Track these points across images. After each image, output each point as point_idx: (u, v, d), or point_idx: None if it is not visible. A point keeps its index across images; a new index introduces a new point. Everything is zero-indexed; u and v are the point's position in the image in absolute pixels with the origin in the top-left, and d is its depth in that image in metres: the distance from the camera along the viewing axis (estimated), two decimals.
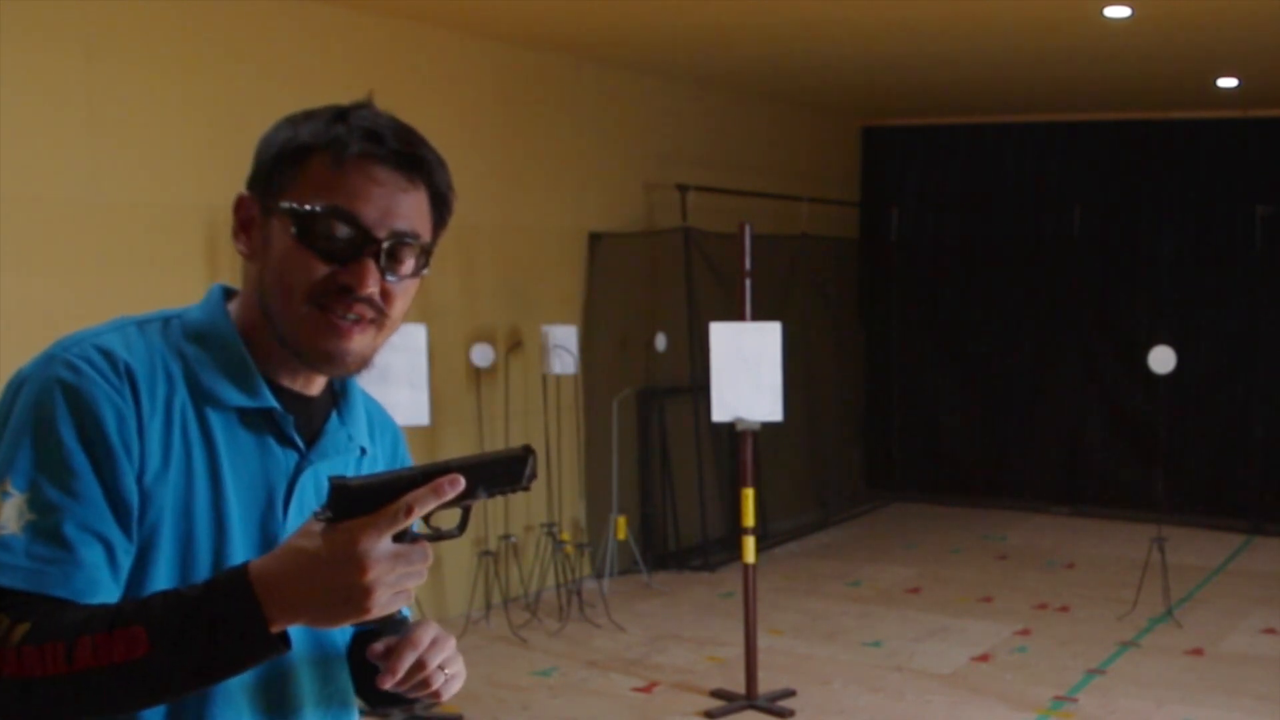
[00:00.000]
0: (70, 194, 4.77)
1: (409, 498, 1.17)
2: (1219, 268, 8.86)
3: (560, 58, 7.13)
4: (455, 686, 1.37)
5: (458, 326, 6.52)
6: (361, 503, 1.16)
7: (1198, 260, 8.96)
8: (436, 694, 1.35)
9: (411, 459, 1.55)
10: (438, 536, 1.25)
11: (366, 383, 1.51)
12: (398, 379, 5.01)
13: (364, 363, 1.38)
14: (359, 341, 1.35)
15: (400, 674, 1.30)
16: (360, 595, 1.17)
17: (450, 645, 1.34)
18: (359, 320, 1.33)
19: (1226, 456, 8.91)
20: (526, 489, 1.26)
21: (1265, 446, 8.73)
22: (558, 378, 6.75)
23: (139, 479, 1.26)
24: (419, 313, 6.13)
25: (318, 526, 1.18)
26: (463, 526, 1.28)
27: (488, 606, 6.60)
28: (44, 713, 1.18)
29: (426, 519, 1.22)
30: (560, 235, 7.26)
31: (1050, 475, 9.51)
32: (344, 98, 1.41)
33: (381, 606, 1.19)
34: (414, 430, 5.86)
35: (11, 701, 1.17)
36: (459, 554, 6.45)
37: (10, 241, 4.51)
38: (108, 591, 1.24)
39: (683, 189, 7.76)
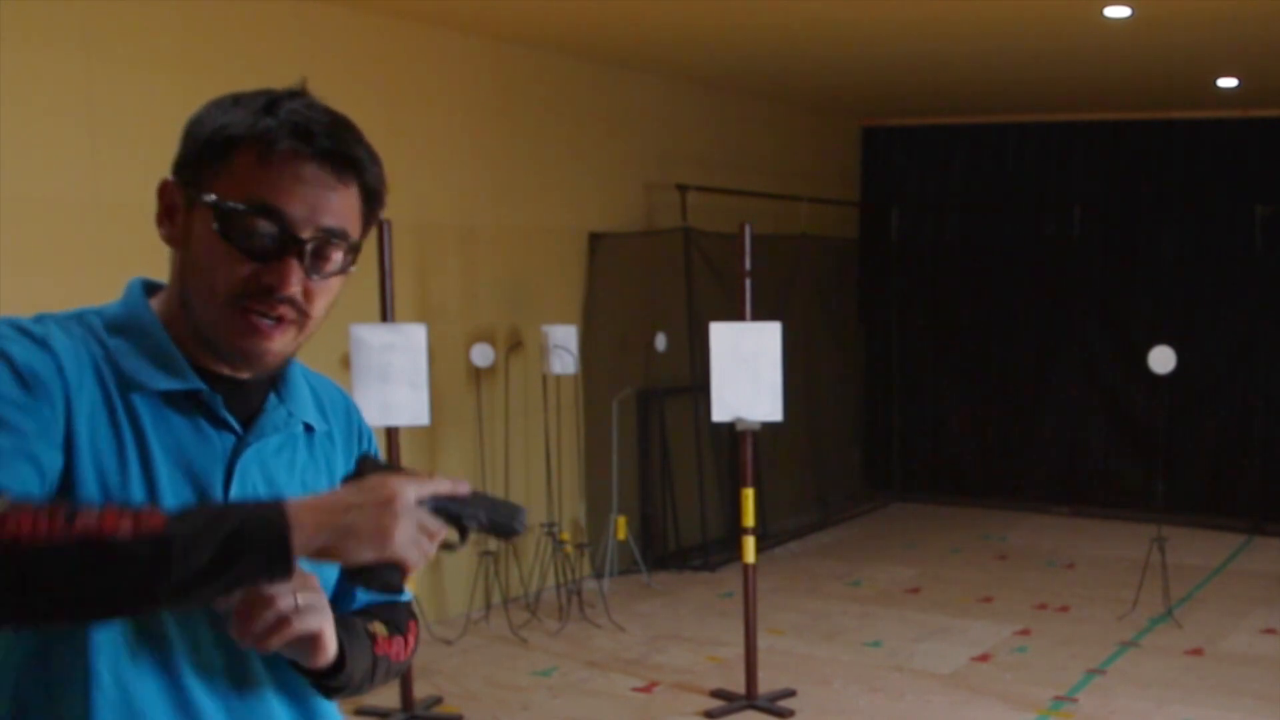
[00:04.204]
0: (70, 194, 4.77)
1: (429, 473, 1.24)
2: (1219, 268, 8.85)
3: (560, 58, 7.13)
4: (311, 620, 1.27)
5: (458, 326, 6.51)
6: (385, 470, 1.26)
7: (1198, 260, 8.95)
8: (286, 621, 1.25)
9: (370, 428, 1.58)
10: (443, 546, 1.29)
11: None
12: (398, 379, 4.99)
13: (284, 361, 1.39)
14: (279, 342, 1.34)
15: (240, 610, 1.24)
16: (384, 533, 1.20)
17: (310, 581, 1.28)
18: (280, 321, 1.33)
19: (1226, 456, 8.91)
20: (510, 537, 1.32)
21: (1265, 446, 8.74)
22: (558, 378, 6.75)
23: (66, 431, 1.25)
24: (419, 313, 6.14)
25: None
26: (463, 538, 1.31)
27: (488, 606, 6.60)
28: (16, 584, 1.10)
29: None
30: (560, 235, 7.26)
31: (1050, 475, 9.51)
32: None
33: (398, 550, 1.21)
34: (414, 430, 5.86)
35: None
36: (459, 553, 6.43)
37: (10, 241, 4.51)
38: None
39: (683, 189, 7.76)
